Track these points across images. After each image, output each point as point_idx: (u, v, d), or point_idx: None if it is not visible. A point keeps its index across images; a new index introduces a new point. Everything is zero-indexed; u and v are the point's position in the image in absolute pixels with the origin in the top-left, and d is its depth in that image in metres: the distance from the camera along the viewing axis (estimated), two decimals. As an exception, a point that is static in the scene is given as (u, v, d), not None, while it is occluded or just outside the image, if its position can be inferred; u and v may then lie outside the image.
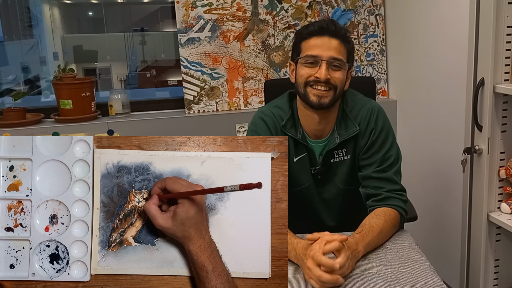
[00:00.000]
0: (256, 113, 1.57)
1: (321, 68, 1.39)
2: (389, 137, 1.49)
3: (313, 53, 1.41)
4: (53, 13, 3.44)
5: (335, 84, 1.41)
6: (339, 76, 1.42)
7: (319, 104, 1.42)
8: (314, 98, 1.41)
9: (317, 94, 1.41)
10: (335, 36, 1.41)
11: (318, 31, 1.42)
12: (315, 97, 1.41)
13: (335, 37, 1.41)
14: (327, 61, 1.39)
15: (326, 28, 1.41)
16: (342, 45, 1.42)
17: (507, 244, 1.80)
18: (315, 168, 1.53)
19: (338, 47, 1.41)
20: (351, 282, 1.17)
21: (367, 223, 1.34)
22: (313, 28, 1.43)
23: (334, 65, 1.40)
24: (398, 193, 1.45)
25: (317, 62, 1.40)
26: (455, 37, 2.08)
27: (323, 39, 1.41)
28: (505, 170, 1.70)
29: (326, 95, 1.41)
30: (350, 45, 1.46)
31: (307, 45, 1.43)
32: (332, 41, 1.41)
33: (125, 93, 2.57)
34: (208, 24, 2.53)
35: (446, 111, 2.22)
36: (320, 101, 1.41)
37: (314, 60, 1.41)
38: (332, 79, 1.40)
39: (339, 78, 1.41)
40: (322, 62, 1.39)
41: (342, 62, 1.41)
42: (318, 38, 1.41)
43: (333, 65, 1.40)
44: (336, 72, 1.41)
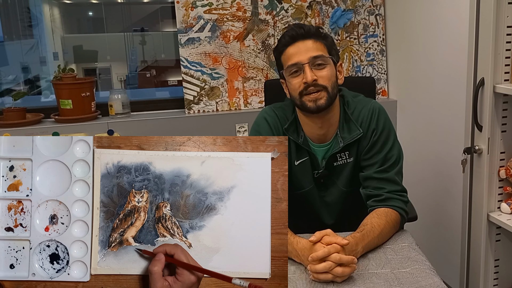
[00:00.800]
0: (260, 113, 1.57)
1: (305, 72, 1.40)
2: (391, 137, 1.49)
3: (293, 62, 1.41)
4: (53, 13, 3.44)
5: (324, 84, 1.41)
6: (326, 73, 1.41)
7: (317, 108, 1.41)
8: (310, 104, 1.41)
9: (312, 99, 1.41)
10: (307, 38, 1.42)
11: (290, 39, 1.43)
12: (311, 102, 1.41)
13: (307, 38, 1.42)
14: (308, 63, 1.40)
15: (296, 35, 1.42)
16: (317, 42, 1.43)
17: (507, 244, 1.80)
18: (318, 171, 1.53)
19: (314, 46, 1.42)
20: (351, 282, 1.17)
21: (369, 222, 1.34)
22: (284, 39, 1.45)
23: (317, 64, 1.41)
24: (399, 194, 1.45)
25: (300, 69, 1.41)
26: (455, 37, 2.08)
27: (297, 45, 1.42)
28: (505, 170, 1.70)
29: (320, 96, 1.41)
30: (328, 39, 1.46)
31: (285, 56, 1.44)
32: (306, 43, 1.42)
33: (125, 93, 2.57)
34: (208, 24, 2.53)
35: (446, 111, 2.22)
36: (316, 104, 1.41)
37: (297, 68, 1.41)
38: (319, 79, 1.40)
39: (326, 75, 1.41)
40: (304, 66, 1.40)
41: (324, 58, 1.41)
42: (292, 46, 1.43)
43: (316, 64, 1.40)
44: (322, 70, 1.41)
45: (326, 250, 1.17)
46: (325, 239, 1.22)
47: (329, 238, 1.22)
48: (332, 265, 1.16)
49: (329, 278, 1.17)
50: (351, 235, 1.28)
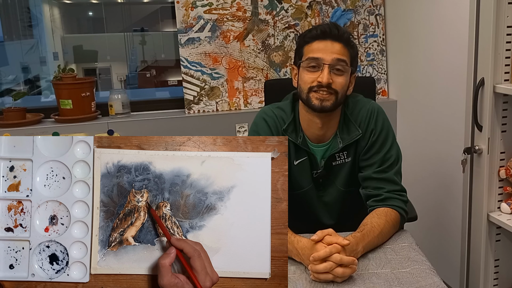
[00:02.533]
0: (258, 113, 1.56)
1: (323, 72, 1.39)
2: (389, 138, 1.49)
3: (316, 56, 1.40)
4: (53, 13, 3.44)
5: (337, 89, 1.40)
6: (341, 81, 1.41)
7: (321, 107, 1.41)
8: (316, 102, 1.41)
9: (319, 98, 1.40)
10: (338, 40, 1.41)
11: (321, 35, 1.41)
12: (317, 101, 1.41)
13: (338, 41, 1.41)
14: (329, 64, 1.38)
15: (329, 32, 1.40)
16: (345, 48, 1.41)
17: (507, 244, 1.80)
18: (317, 171, 1.53)
19: (341, 50, 1.40)
20: (351, 282, 1.17)
21: (369, 222, 1.35)
22: (315, 32, 1.42)
23: (336, 68, 1.40)
24: (398, 193, 1.45)
25: (319, 66, 1.40)
26: (455, 37, 2.08)
27: (326, 43, 1.40)
28: (505, 170, 1.70)
29: (328, 98, 1.40)
30: (354, 49, 1.45)
31: (310, 48, 1.42)
32: (335, 44, 1.40)
33: (125, 93, 2.57)
34: (208, 24, 2.53)
35: (446, 111, 2.22)
36: (322, 104, 1.41)
37: (316, 64, 1.40)
38: (334, 83, 1.39)
39: (341, 83, 1.41)
40: (324, 66, 1.39)
41: (345, 65, 1.40)
42: (321, 42, 1.41)
43: (336, 69, 1.40)
44: (339, 77, 1.40)
45: (328, 250, 1.17)
46: (326, 239, 1.22)
47: (330, 238, 1.22)
48: (332, 265, 1.16)
49: (329, 278, 1.17)
50: (351, 235, 1.28)
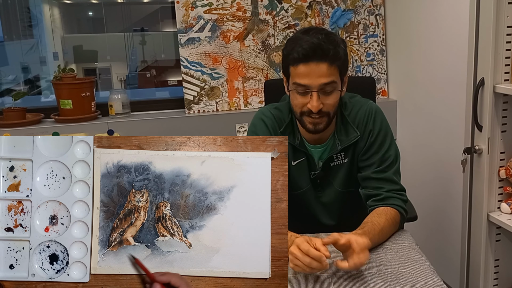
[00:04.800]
0: (256, 114, 1.56)
1: (312, 99, 1.35)
2: (387, 138, 1.49)
3: (302, 82, 1.35)
4: (53, 13, 3.44)
5: (328, 110, 1.39)
6: (332, 101, 1.38)
7: (315, 131, 1.42)
8: (310, 126, 1.41)
9: (312, 122, 1.40)
10: (323, 60, 1.32)
11: (303, 58, 1.32)
12: (311, 125, 1.41)
13: (322, 61, 1.32)
14: (317, 91, 1.34)
15: (313, 55, 1.31)
16: (332, 66, 1.33)
17: (507, 244, 1.80)
18: (315, 172, 1.53)
19: (328, 71, 1.33)
20: (351, 282, 1.17)
21: (369, 221, 1.35)
22: (297, 55, 1.33)
23: (325, 90, 1.36)
24: (398, 192, 1.45)
25: (307, 92, 1.36)
26: (455, 37, 2.08)
27: (310, 66, 1.32)
28: (505, 170, 1.70)
29: (320, 122, 1.40)
30: (342, 59, 1.36)
31: (295, 72, 1.36)
32: (320, 66, 1.32)
33: (125, 93, 2.57)
34: (208, 24, 2.53)
35: (446, 111, 2.22)
36: (316, 128, 1.41)
37: (304, 90, 1.36)
38: (324, 106, 1.37)
39: (331, 103, 1.38)
40: (312, 92, 1.35)
41: (334, 84, 1.36)
42: (305, 65, 1.33)
43: (325, 91, 1.36)
44: (329, 97, 1.37)
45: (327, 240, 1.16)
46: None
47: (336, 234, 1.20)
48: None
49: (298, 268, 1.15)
50: (352, 233, 1.28)
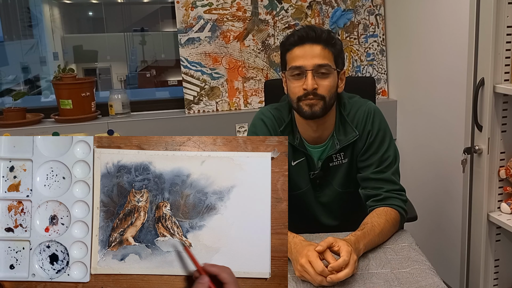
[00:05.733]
0: (256, 114, 1.57)
1: (307, 78, 1.38)
2: (386, 138, 1.49)
3: (297, 64, 1.39)
4: (53, 13, 3.44)
5: (323, 93, 1.39)
6: (327, 83, 1.40)
7: (311, 113, 1.41)
8: (306, 108, 1.41)
9: (308, 104, 1.40)
10: (317, 42, 1.39)
11: (299, 40, 1.40)
12: (307, 107, 1.41)
13: (316, 43, 1.39)
14: (312, 70, 1.38)
15: (306, 36, 1.39)
16: (325, 49, 1.39)
17: (507, 244, 1.80)
18: (314, 172, 1.53)
19: (322, 53, 1.39)
20: (351, 282, 1.17)
21: (369, 221, 1.35)
22: (293, 38, 1.41)
23: (321, 72, 1.39)
24: (397, 193, 1.45)
25: (303, 73, 1.39)
26: (455, 37, 2.08)
27: (305, 47, 1.39)
28: (505, 170, 1.70)
29: (316, 103, 1.40)
30: (336, 47, 1.42)
31: (291, 56, 1.42)
32: (314, 48, 1.39)
33: (125, 93, 2.57)
34: (208, 24, 2.53)
35: (446, 111, 2.22)
36: (312, 110, 1.40)
37: (300, 71, 1.39)
38: (319, 88, 1.38)
39: (327, 86, 1.40)
40: (307, 72, 1.38)
41: (329, 67, 1.39)
42: (300, 47, 1.40)
43: (320, 73, 1.39)
44: (324, 80, 1.39)
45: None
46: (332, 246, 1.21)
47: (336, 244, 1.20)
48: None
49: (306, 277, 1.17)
50: (351, 234, 1.28)
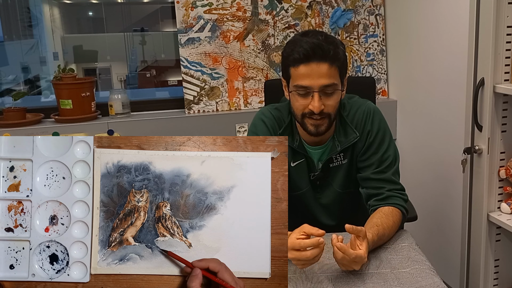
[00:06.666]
0: (257, 114, 1.57)
1: (314, 100, 1.35)
2: (386, 138, 1.49)
3: (303, 84, 1.35)
4: (53, 13, 3.44)
5: (329, 112, 1.39)
6: (333, 102, 1.38)
7: (316, 133, 1.42)
8: (311, 128, 1.41)
9: (314, 124, 1.40)
10: (323, 60, 1.33)
11: (304, 58, 1.33)
12: (312, 127, 1.41)
13: (323, 61, 1.33)
14: (318, 91, 1.35)
15: (313, 55, 1.32)
16: (332, 67, 1.34)
17: (507, 244, 1.80)
18: (314, 174, 1.53)
19: (328, 72, 1.34)
20: (351, 282, 1.17)
21: (380, 223, 1.34)
22: (298, 55, 1.34)
23: (326, 92, 1.36)
24: (399, 192, 1.45)
25: (309, 92, 1.36)
26: (455, 37, 2.08)
27: (311, 66, 1.33)
28: (505, 170, 1.70)
29: (322, 123, 1.40)
30: (341, 60, 1.37)
31: (296, 73, 1.36)
32: (320, 66, 1.33)
33: (125, 93, 2.57)
34: (208, 24, 2.53)
35: (446, 111, 2.22)
36: (317, 130, 1.41)
37: (305, 92, 1.37)
38: (326, 107, 1.37)
39: (332, 104, 1.38)
40: (314, 93, 1.35)
41: (335, 86, 1.37)
42: (306, 65, 1.33)
43: (325, 92, 1.36)
44: (330, 98, 1.37)
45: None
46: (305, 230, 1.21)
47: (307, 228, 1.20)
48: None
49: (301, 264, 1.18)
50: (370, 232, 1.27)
